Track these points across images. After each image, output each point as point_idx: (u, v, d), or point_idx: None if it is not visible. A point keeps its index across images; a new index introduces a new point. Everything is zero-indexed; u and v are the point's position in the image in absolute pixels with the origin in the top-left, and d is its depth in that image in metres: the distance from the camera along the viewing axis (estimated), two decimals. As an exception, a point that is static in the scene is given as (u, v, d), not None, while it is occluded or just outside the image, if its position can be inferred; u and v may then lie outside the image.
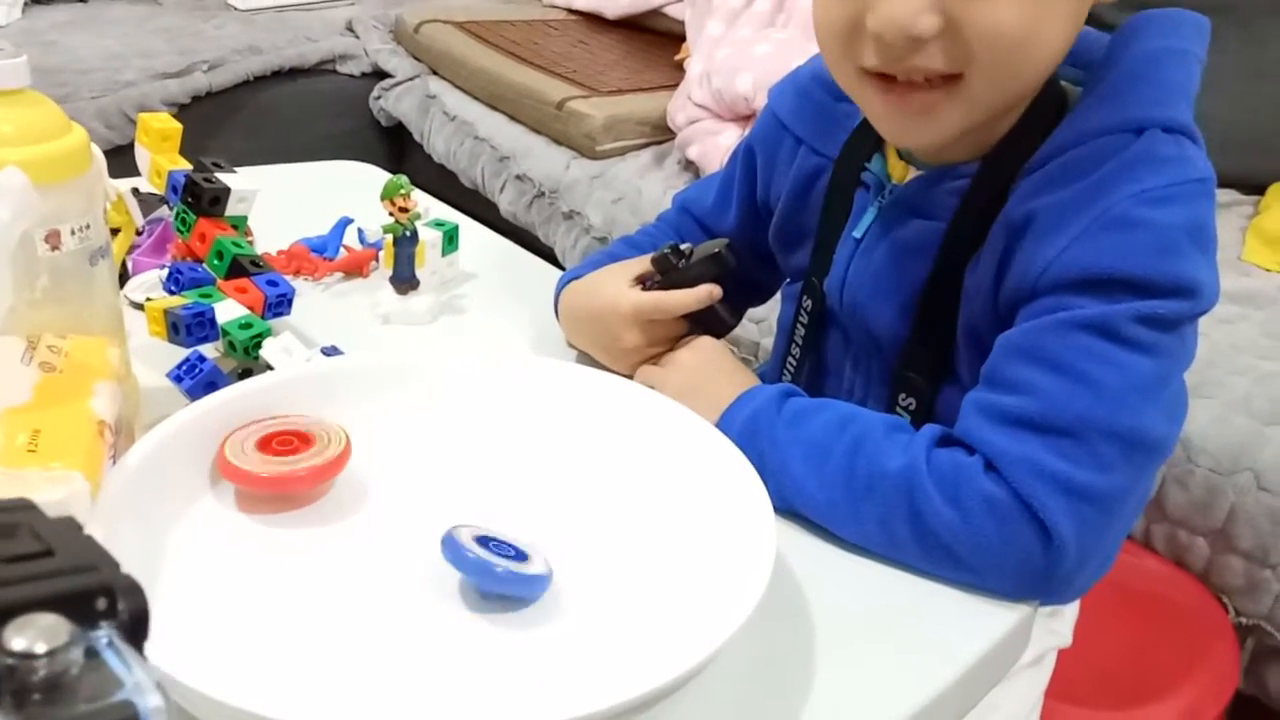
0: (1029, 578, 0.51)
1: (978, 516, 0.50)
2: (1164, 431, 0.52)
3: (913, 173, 0.61)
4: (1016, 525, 0.50)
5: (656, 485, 0.55)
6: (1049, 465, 0.50)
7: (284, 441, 0.53)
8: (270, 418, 0.55)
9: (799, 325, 0.69)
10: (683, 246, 0.67)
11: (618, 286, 0.67)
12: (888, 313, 0.62)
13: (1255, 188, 1.56)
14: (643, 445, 0.57)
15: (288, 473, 0.51)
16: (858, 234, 0.64)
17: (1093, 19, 0.56)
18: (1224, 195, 1.57)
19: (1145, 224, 0.50)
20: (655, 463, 0.56)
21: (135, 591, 0.24)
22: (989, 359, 0.54)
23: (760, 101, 1.36)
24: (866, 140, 0.64)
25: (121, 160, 0.77)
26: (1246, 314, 1.16)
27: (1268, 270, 1.31)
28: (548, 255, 1.76)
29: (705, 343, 0.66)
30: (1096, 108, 0.54)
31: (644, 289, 0.67)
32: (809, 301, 0.68)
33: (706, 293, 0.65)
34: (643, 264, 0.68)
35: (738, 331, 1.46)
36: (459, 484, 0.55)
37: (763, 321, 1.37)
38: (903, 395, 0.62)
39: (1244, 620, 0.96)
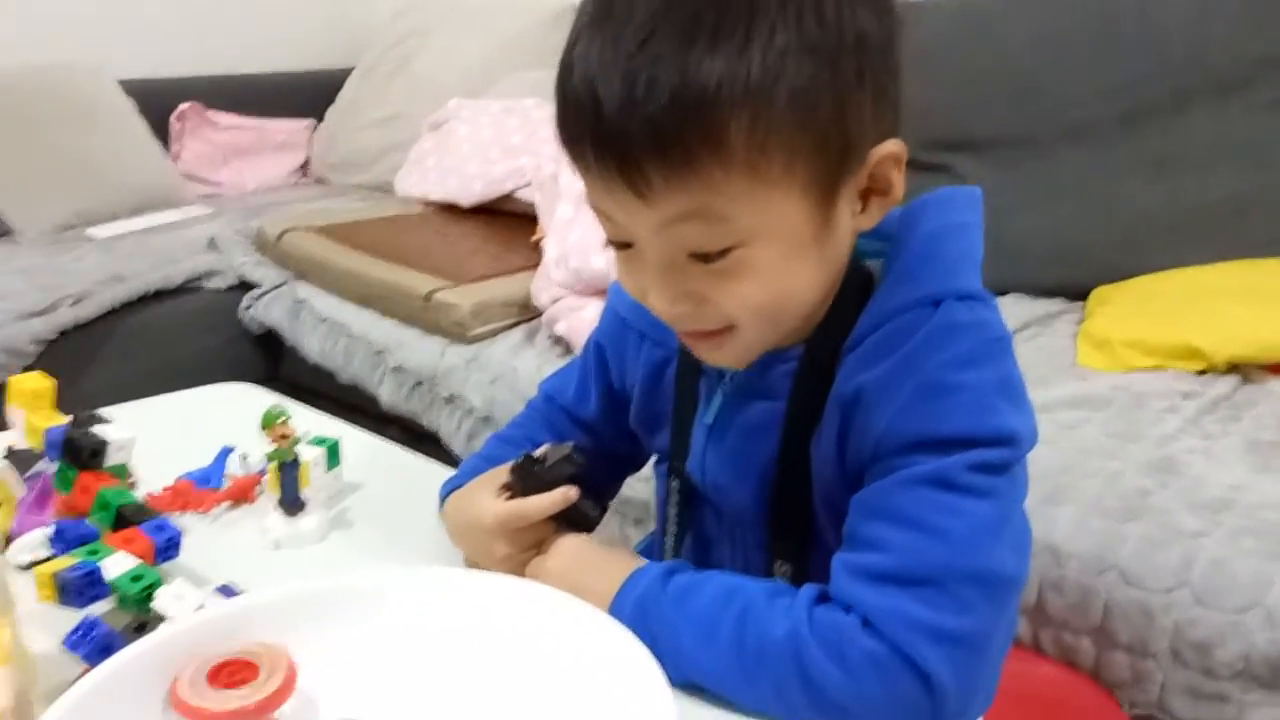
0: None
1: (863, 673, 0.53)
2: (1014, 566, 0.56)
3: None
4: (899, 678, 0.52)
5: (556, 679, 0.57)
6: (919, 616, 0.53)
7: (232, 671, 0.55)
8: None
9: (671, 504, 0.73)
10: (537, 452, 0.69)
11: (484, 499, 0.69)
12: (747, 491, 0.66)
13: (1079, 294, 1.68)
14: (539, 642, 0.58)
15: (246, 705, 0.52)
16: (708, 420, 0.68)
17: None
18: (1054, 305, 1.69)
19: (958, 387, 0.56)
20: (553, 658, 0.58)
21: None
22: (847, 520, 0.58)
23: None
24: None
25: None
26: (1089, 416, 1.25)
27: (1100, 371, 1.41)
28: (434, 440, 1.79)
29: (567, 544, 0.67)
30: (896, 287, 0.59)
31: (508, 498, 0.69)
32: (676, 482, 0.72)
33: (562, 495, 0.67)
34: (506, 473, 0.70)
35: (631, 494, 1.48)
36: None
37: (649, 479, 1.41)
38: (779, 563, 0.65)
39: (1138, 712, 1.01)
